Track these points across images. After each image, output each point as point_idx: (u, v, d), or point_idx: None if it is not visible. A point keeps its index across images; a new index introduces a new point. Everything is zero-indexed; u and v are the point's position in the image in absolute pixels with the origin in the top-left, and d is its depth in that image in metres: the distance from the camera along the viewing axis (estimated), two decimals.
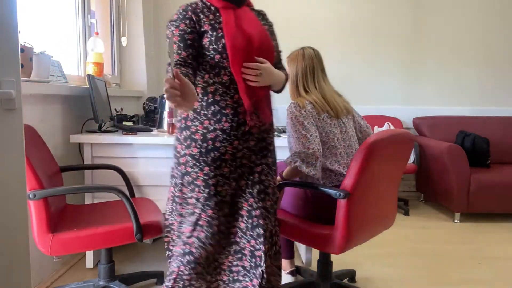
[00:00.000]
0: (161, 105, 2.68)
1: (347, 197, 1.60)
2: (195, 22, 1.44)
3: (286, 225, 1.83)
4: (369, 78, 4.16)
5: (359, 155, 1.59)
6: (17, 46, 1.07)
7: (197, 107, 1.48)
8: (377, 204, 1.78)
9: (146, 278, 2.18)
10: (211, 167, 1.46)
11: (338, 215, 1.64)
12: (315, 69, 1.93)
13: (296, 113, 1.82)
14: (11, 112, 1.04)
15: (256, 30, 1.48)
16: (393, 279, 2.29)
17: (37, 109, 2.08)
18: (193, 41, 1.44)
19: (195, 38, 1.44)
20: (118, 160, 2.27)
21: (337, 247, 1.66)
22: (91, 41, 2.79)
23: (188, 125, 1.50)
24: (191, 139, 1.48)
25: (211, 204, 1.46)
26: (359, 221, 1.68)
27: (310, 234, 1.74)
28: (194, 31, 1.44)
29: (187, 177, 1.48)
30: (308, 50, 1.95)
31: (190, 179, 1.48)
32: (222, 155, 1.47)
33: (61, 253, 1.67)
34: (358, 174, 1.60)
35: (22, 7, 2.23)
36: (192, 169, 1.47)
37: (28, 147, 1.61)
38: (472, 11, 4.06)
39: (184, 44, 1.42)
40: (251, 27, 1.47)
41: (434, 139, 3.78)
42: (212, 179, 1.46)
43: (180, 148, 1.51)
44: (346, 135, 1.91)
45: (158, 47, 4.08)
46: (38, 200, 1.60)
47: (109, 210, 1.99)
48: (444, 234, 3.07)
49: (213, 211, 1.46)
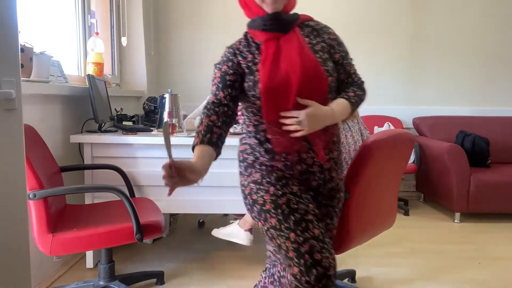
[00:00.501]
0: (161, 105, 2.68)
1: (346, 198, 1.60)
2: (236, 64, 1.33)
3: None
4: (369, 78, 4.16)
5: (358, 155, 1.59)
6: (17, 46, 1.07)
7: (252, 144, 1.36)
8: (377, 205, 1.77)
9: (146, 278, 2.19)
10: (276, 186, 1.30)
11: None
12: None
13: None
14: (11, 112, 1.04)
15: (299, 62, 1.26)
16: (393, 279, 2.29)
17: (37, 109, 2.08)
18: (234, 82, 1.32)
19: (236, 79, 1.33)
20: (118, 160, 2.27)
21: (337, 248, 1.66)
22: (91, 41, 2.79)
23: (245, 157, 1.38)
24: (251, 167, 1.36)
25: (290, 226, 1.23)
26: (359, 221, 1.67)
27: None
28: (236, 72, 1.33)
29: (256, 206, 1.31)
30: None
31: (259, 208, 1.30)
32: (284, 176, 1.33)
33: (61, 253, 1.67)
34: (357, 175, 1.59)
35: (22, 7, 2.23)
36: (257, 195, 1.31)
37: (28, 147, 1.61)
38: (473, 11, 4.06)
39: (223, 84, 1.32)
40: (291, 60, 1.27)
41: (434, 139, 3.78)
42: (281, 198, 1.28)
43: (244, 180, 1.38)
44: (352, 139, 1.92)
45: (158, 47, 4.08)
46: (38, 200, 1.60)
47: (109, 210, 1.99)
48: (444, 234, 3.07)
49: (295, 233, 1.21)
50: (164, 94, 2.68)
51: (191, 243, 2.79)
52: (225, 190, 2.35)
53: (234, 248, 2.66)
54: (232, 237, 2.32)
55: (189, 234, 2.98)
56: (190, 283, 2.21)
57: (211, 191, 2.35)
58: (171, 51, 4.12)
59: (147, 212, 1.90)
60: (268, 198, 1.28)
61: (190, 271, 2.34)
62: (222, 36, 4.09)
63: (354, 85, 1.40)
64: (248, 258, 2.52)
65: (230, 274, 2.32)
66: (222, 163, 2.32)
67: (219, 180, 2.33)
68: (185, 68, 4.11)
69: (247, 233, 2.28)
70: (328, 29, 1.42)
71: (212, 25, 4.09)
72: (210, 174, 2.33)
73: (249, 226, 2.29)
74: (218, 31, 4.08)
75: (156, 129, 2.64)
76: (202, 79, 4.06)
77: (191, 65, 4.09)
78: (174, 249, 2.67)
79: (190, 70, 4.09)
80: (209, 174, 2.33)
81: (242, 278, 2.26)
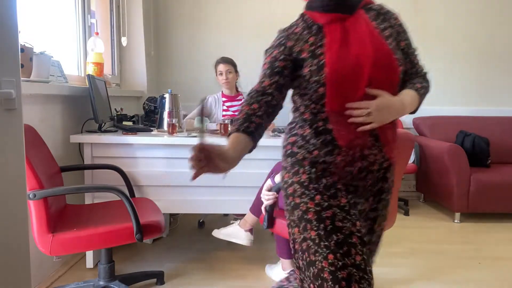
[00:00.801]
0: (161, 105, 2.68)
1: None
2: (288, 49, 1.20)
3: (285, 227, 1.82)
4: None
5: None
6: (17, 46, 1.07)
7: (306, 134, 1.20)
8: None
9: (146, 278, 2.19)
10: (324, 195, 1.16)
11: None
12: None
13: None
14: (11, 112, 1.04)
15: (371, 48, 1.14)
16: (393, 279, 2.29)
17: (37, 109, 2.08)
18: (283, 69, 1.19)
19: (286, 66, 1.19)
20: (118, 160, 2.27)
21: None
22: (91, 41, 2.79)
23: (294, 151, 1.23)
24: (300, 165, 1.21)
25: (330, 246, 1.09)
26: None
27: None
28: (287, 58, 1.20)
29: (297, 211, 1.18)
30: None
31: (300, 214, 1.17)
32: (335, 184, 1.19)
33: (61, 253, 1.67)
34: None
35: (22, 7, 2.23)
36: (301, 199, 1.18)
37: (28, 147, 1.61)
38: (473, 11, 4.06)
39: (270, 71, 1.19)
40: (362, 45, 1.14)
41: (434, 139, 3.78)
42: (326, 211, 1.14)
43: (288, 177, 1.24)
44: None
45: (158, 47, 4.08)
46: (38, 200, 1.60)
47: (109, 210, 1.99)
48: (444, 234, 3.07)
49: (334, 256, 1.08)
50: (164, 94, 2.68)
51: (191, 243, 2.79)
52: (225, 190, 2.35)
53: (234, 248, 2.66)
54: (233, 237, 2.32)
55: (189, 234, 2.98)
56: (190, 283, 2.21)
57: (211, 191, 2.35)
58: (171, 51, 4.12)
59: (147, 212, 1.90)
60: (312, 207, 1.15)
61: (190, 271, 2.34)
62: (222, 36, 4.09)
63: (418, 76, 1.30)
64: (248, 258, 2.52)
65: (230, 274, 2.32)
66: None
67: (219, 180, 2.34)
68: (185, 68, 4.11)
69: (247, 234, 2.27)
70: (393, 14, 1.29)
71: (212, 25, 4.09)
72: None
73: (250, 226, 2.28)
74: (218, 31, 4.09)
75: (156, 129, 2.64)
76: (202, 79, 4.06)
77: (191, 65, 4.09)
78: (174, 249, 2.67)
79: (190, 70, 4.09)
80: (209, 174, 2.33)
81: (242, 278, 2.26)
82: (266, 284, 2.21)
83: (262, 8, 4.08)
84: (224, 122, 2.46)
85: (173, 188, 2.32)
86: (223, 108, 3.09)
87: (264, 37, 4.08)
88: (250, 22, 4.08)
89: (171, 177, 2.31)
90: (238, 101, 3.12)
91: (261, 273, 2.32)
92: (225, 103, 3.10)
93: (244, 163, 2.32)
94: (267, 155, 2.29)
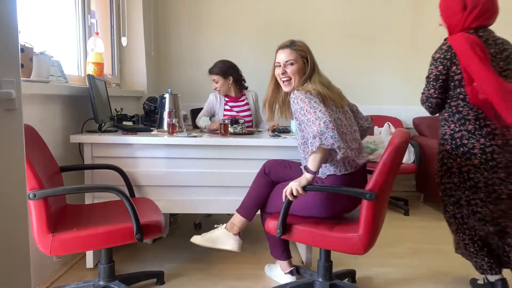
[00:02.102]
0: (161, 105, 2.68)
1: (375, 198, 1.63)
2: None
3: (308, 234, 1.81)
4: (369, 78, 4.16)
5: (387, 156, 1.62)
6: (17, 46, 1.06)
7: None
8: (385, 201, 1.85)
9: (146, 278, 2.19)
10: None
11: (363, 215, 1.68)
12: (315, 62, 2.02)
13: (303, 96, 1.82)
14: (11, 112, 1.04)
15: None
16: (393, 279, 2.29)
17: (37, 109, 2.08)
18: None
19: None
20: (118, 160, 2.27)
21: (362, 248, 1.71)
22: (91, 41, 2.79)
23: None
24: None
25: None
26: (378, 220, 1.74)
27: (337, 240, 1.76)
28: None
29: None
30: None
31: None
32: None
33: (61, 253, 1.67)
34: (385, 175, 1.63)
35: (22, 7, 2.23)
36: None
37: (28, 147, 1.61)
38: None
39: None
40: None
41: (434, 139, 3.78)
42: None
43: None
44: (350, 120, 1.97)
45: (158, 47, 4.08)
46: (38, 200, 1.60)
47: (109, 210, 1.99)
48: (444, 234, 3.06)
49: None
50: (164, 94, 2.68)
51: (191, 243, 2.78)
52: (225, 190, 2.35)
53: None
54: (219, 243, 2.08)
55: (189, 234, 2.97)
56: (190, 283, 2.21)
57: (211, 191, 2.35)
58: (171, 51, 4.12)
59: (147, 212, 1.90)
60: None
61: (190, 271, 2.34)
62: (221, 36, 4.09)
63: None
64: (248, 258, 2.53)
65: (230, 274, 2.32)
66: (223, 163, 2.32)
67: (219, 180, 2.34)
68: (185, 68, 4.11)
69: (236, 237, 2.09)
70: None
71: (212, 25, 4.09)
72: (210, 174, 2.33)
73: (238, 229, 2.08)
74: (218, 31, 4.09)
75: (156, 129, 2.64)
76: (202, 79, 4.05)
77: (191, 65, 4.09)
78: (174, 249, 2.67)
79: (190, 70, 4.09)
80: (209, 174, 2.34)
81: (242, 278, 2.26)
82: (266, 284, 2.21)
83: (262, 8, 4.08)
84: (224, 122, 2.46)
85: (173, 188, 2.32)
86: (226, 108, 3.09)
87: (264, 37, 4.09)
88: (250, 22, 4.08)
89: (171, 177, 2.31)
90: (241, 101, 3.13)
91: (261, 273, 2.32)
92: (228, 103, 3.11)
93: (244, 163, 2.33)
94: (267, 155, 2.28)
